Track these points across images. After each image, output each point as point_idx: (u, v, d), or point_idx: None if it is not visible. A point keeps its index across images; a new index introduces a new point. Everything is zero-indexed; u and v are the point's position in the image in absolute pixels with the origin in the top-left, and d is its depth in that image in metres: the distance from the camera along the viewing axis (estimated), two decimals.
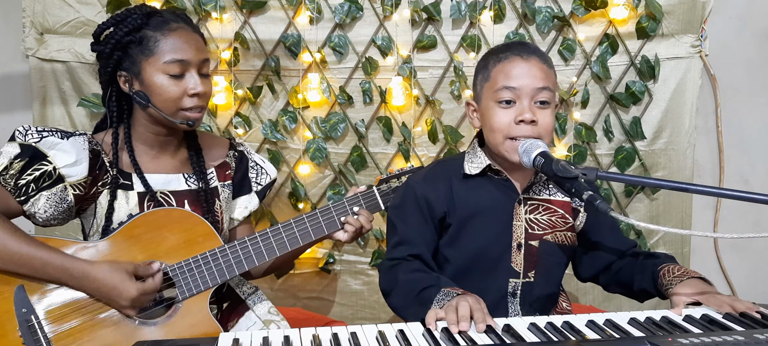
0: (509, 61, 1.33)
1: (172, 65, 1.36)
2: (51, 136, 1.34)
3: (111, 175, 1.39)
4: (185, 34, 1.39)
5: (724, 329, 1.10)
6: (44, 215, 1.33)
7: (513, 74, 1.32)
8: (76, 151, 1.34)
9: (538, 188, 1.42)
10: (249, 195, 1.59)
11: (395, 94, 2.10)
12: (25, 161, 1.31)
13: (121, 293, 1.27)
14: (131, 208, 1.40)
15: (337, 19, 2.06)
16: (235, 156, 1.58)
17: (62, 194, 1.33)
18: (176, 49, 1.37)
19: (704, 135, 2.30)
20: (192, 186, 1.47)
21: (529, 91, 1.31)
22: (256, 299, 1.53)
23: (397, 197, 1.49)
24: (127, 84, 1.40)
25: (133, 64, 1.38)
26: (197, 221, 1.40)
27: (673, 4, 2.11)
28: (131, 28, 1.36)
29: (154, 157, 1.46)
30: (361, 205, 1.54)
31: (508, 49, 1.36)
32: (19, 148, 1.31)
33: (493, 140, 1.36)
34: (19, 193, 1.31)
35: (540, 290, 1.40)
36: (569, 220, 1.43)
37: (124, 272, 1.28)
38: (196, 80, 1.39)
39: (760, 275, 2.40)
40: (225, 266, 1.40)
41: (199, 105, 1.40)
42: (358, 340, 1.05)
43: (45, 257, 1.26)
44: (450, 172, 1.43)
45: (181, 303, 1.37)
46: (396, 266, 1.36)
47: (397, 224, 1.42)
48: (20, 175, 1.30)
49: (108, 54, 1.37)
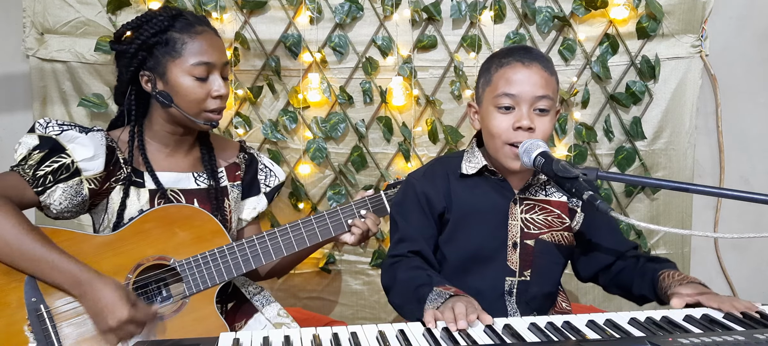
0: (510, 67, 1.33)
1: (199, 67, 1.39)
2: (71, 130, 1.37)
3: (125, 172, 1.41)
4: (210, 38, 1.43)
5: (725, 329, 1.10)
6: (59, 206, 1.35)
7: (513, 80, 1.32)
8: (94, 146, 1.37)
9: (535, 188, 1.42)
10: (257, 196, 1.61)
11: (395, 94, 2.10)
12: (44, 153, 1.33)
13: (113, 311, 1.24)
14: (142, 204, 1.42)
15: (338, 19, 2.06)
16: (246, 158, 1.60)
17: (78, 187, 1.35)
18: (203, 52, 1.40)
19: (704, 135, 2.30)
20: (201, 185, 1.49)
21: (528, 98, 1.31)
22: (263, 301, 1.54)
23: (398, 194, 1.50)
24: (149, 84, 1.42)
25: (157, 65, 1.40)
26: (207, 218, 1.42)
27: (673, 4, 2.11)
28: (158, 29, 1.38)
29: (167, 156, 1.48)
30: (368, 208, 1.56)
31: (511, 54, 1.36)
32: (38, 139, 1.33)
33: (492, 144, 1.36)
34: (37, 183, 1.32)
35: (536, 289, 1.40)
36: (566, 220, 1.43)
37: (124, 295, 1.27)
38: (220, 83, 1.42)
39: (760, 275, 2.40)
40: (232, 264, 1.41)
41: (221, 107, 1.44)
42: (358, 340, 1.05)
43: (55, 261, 1.26)
44: (448, 169, 1.44)
45: (188, 299, 1.38)
46: (396, 263, 1.37)
47: (398, 220, 1.44)
48: (38, 166, 1.32)
49: (132, 54, 1.39)
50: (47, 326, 1.27)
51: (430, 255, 1.40)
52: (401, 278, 1.32)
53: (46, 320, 1.27)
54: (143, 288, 1.37)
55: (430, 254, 1.39)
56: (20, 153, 1.33)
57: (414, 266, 1.34)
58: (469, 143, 1.49)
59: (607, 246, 1.46)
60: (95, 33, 2.03)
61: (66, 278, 1.26)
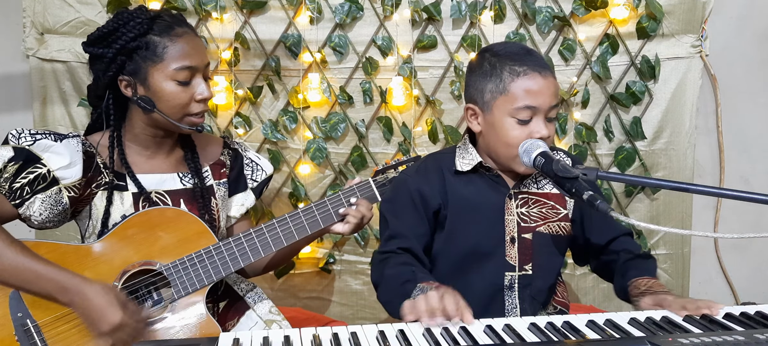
0: (530, 78, 1.30)
1: (182, 72, 1.36)
2: (44, 139, 1.33)
3: (106, 177, 1.38)
4: (191, 39, 1.39)
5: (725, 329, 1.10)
6: (40, 217, 1.32)
7: (534, 92, 1.30)
8: (69, 153, 1.33)
9: (529, 182, 1.42)
10: (244, 192, 1.58)
11: (395, 94, 2.10)
12: (19, 164, 1.29)
13: (105, 316, 1.23)
14: (126, 209, 1.39)
15: (338, 19, 2.06)
16: (230, 154, 1.57)
17: (57, 197, 1.32)
18: (185, 56, 1.36)
19: (704, 135, 2.30)
20: (187, 185, 1.47)
21: (545, 109, 1.31)
22: (255, 298, 1.53)
23: (390, 192, 1.49)
24: (129, 89, 1.38)
25: (138, 70, 1.36)
26: (191, 220, 1.40)
27: (673, 4, 2.11)
28: (136, 33, 1.34)
29: (148, 158, 1.45)
30: (357, 196, 1.52)
31: (525, 63, 1.32)
32: (12, 151, 1.30)
33: (506, 153, 1.34)
34: (14, 196, 1.30)
35: (541, 282, 1.41)
36: (561, 210, 1.44)
37: (115, 298, 1.25)
38: (203, 86, 1.39)
39: (760, 275, 2.40)
40: (220, 263, 1.39)
41: (204, 109, 1.42)
42: (358, 340, 1.05)
43: (39, 270, 1.24)
44: (442, 165, 1.43)
45: (178, 302, 1.37)
46: (385, 259, 1.36)
47: (388, 218, 1.42)
48: (14, 178, 1.29)
49: (111, 58, 1.35)
50: (35, 340, 1.25)
51: (421, 252, 1.38)
52: (388, 275, 1.32)
53: (33, 334, 1.25)
54: (132, 295, 1.35)
55: (420, 251, 1.38)
56: None
57: (401, 263, 1.33)
58: (461, 139, 1.48)
59: (599, 230, 1.47)
60: None
61: (52, 286, 1.24)
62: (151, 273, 1.37)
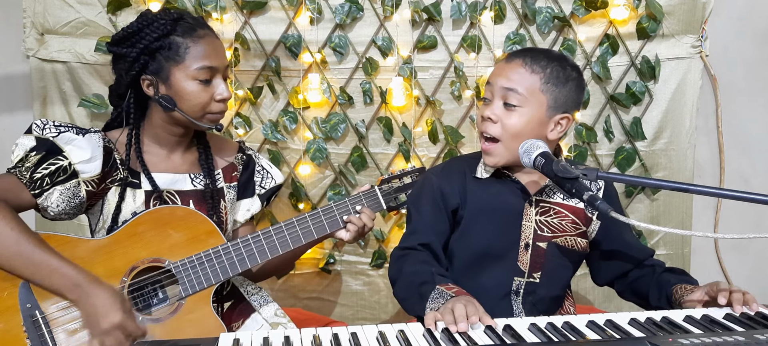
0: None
1: (203, 72, 1.40)
2: (68, 132, 1.36)
3: (121, 173, 1.41)
4: (212, 41, 1.43)
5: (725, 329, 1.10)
6: (56, 209, 1.34)
7: None
8: (91, 148, 1.37)
9: (551, 191, 1.43)
10: (251, 198, 1.60)
11: (395, 94, 2.10)
12: (41, 155, 1.32)
13: (106, 315, 1.22)
14: (137, 206, 1.41)
15: (338, 19, 2.06)
16: (243, 159, 1.60)
17: (75, 190, 1.35)
18: (206, 56, 1.40)
19: (705, 135, 2.30)
20: (198, 186, 1.49)
21: None
22: (261, 301, 1.54)
23: (416, 187, 1.54)
24: (151, 88, 1.42)
25: (160, 69, 1.40)
26: (201, 219, 1.41)
27: (673, 5, 2.11)
28: (160, 33, 1.38)
29: (164, 157, 1.48)
30: (363, 204, 1.56)
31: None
32: (35, 141, 1.33)
33: None
34: (34, 186, 1.31)
35: (544, 291, 1.41)
36: (580, 226, 1.44)
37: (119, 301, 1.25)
38: (223, 86, 1.43)
39: (760, 275, 2.40)
40: (228, 263, 1.41)
41: (223, 109, 1.45)
42: (358, 340, 1.05)
43: (54, 264, 1.25)
44: (465, 167, 1.47)
45: (185, 300, 1.38)
46: (404, 256, 1.40)
47: (412, 213, 1.47)
48: (36, 168, 1.32)
49: (134, 58, 1.38)
50: (43, 331, 1.26)
51: (439, 250, 1.42)
52: (406, 272, 1.35)
53: (41, 325, 1.26)
54: (139, 291, 1.37)
55: (439, 248, 1.42)
56: (17, 155, 1.32)
57: (420, 261, 1.36)
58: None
59: (626, 253, 1.48)
60: (95, 33, 2.03)
61: (65, 282, 1.25)
62: (159, 271, 1.37)
